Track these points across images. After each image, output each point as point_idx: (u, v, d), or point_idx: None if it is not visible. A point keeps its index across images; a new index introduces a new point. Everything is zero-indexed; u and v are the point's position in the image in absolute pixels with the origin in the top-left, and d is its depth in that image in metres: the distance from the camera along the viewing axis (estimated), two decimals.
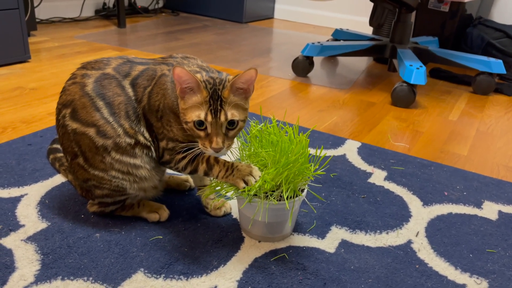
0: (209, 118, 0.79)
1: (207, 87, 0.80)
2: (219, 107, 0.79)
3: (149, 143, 0.89)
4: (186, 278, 0.79)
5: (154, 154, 0.90)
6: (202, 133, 0.81)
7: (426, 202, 1.10)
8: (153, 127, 0.88)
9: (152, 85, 0.87)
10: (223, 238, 0.91)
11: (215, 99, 0.79)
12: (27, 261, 0.80)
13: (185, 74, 0.78)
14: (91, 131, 0.85)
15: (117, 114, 0.86)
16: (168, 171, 1.02)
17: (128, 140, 0.86)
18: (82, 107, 0.85)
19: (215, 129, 0.80)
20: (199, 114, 0.79)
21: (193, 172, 0.89)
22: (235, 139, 0.87)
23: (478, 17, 2.57)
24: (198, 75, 0.81)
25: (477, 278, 0.85)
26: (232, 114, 0.80)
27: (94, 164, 0.87)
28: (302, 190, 0.88)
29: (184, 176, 1.08)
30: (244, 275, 0.81)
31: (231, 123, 0.81)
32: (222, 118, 0.79)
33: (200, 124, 0.80)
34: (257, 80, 1.98)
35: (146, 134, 0.88)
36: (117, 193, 0.90)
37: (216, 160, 0.87)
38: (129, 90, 0.87)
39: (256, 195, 0.83)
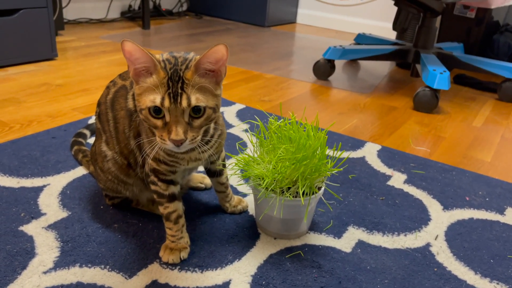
0: (166, 103, 0.65)
1: (166, 67, 0.66)
2: (179, 90, 0.65)
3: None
4: (201, 271, 0.80)
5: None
6: (159, 122, 0.67)
7: (447, 206, 1.07)
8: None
9: None
10: (239, 233, 0.91)
11: (175, 80, 0.66)
12: (47, 248, 0.82)
13: (136, 50, 0.65)
14: (103, 137, 0.87)
15: (118, 129, 0.84)
16: None
17: (123, 160, 0.86)
18: (102, 113, 0.87)
19: (174, 116, 0.66)
20: (154, 98, 0.65)
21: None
22: (213, 142, 0.75)
23: (505, 24, 2.52)
24: (157, 55, 0.69)
25: (497, 284, 0.83)
26: (196, 98, 0.66)
27: (97, 160, 0.89)
28: (319, 188, 0.88)
29: (200, 177, 1.08)
30: (259, 271, 0.81)
31: (196, 110, 0.67)
32: (184, 103, 0.65)
33: (156, 111, 0.66)
34: (277, 82, 1.98)
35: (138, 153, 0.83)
36: (113, 192, 0.92)
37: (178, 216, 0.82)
38: (130, 102, 0.82)
39: (272, 190, 0.83)
